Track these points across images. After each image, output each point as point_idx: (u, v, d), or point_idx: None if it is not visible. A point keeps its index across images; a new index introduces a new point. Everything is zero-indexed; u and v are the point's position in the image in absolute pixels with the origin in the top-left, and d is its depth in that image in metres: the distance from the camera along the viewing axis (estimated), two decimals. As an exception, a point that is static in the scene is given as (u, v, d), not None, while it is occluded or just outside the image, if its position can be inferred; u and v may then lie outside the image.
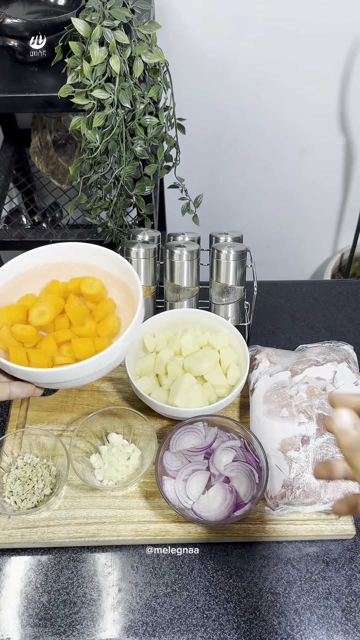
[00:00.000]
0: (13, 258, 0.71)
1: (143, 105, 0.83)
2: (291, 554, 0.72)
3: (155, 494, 0.75)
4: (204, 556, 0.72)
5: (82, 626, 0.67)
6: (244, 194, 1.55)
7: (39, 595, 0.69)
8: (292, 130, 1.39)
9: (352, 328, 0.99)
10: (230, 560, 0.72)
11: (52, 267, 0.73)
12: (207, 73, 1.27)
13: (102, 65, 0.78)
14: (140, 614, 0.68)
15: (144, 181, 0.93)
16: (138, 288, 0.66)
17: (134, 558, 0.72)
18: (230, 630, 0.67)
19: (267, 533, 0.72)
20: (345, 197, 1.55)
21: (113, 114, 0.82)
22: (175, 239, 0.96)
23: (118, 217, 0.97)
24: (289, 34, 1.20)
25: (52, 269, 0.73)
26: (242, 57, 1.24)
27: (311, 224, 1.64)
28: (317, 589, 0.69)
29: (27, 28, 0.91)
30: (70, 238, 1.15)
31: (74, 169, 0.89)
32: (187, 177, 1.19)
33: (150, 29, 0.81)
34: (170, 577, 0.70)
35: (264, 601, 0.69)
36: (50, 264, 0.73)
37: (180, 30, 1.20)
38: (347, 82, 1.28)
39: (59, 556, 0.72)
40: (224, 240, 0.95)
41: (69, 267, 0.73)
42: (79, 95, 0.81)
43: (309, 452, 0.71)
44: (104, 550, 0.73)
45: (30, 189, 1.36)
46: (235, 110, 1.34)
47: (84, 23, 0.77)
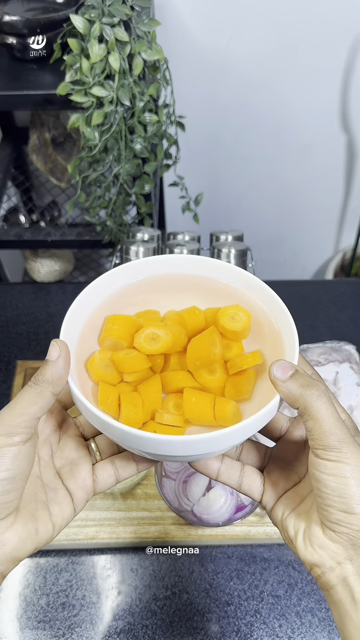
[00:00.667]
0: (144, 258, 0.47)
1: (143, 102, 0.83)
2: (292, 556, 0.72)
3: (155, 496, 0.74)
4: (204, 558, 0.71)
5: (81, 629, 0.67)
6: (244, 193, 1.55)
7: (37, 597, 0.69)
8: (293, 128, 1.38)
9: (354, 328, 0.98)
10: (231, 562, 0.71)
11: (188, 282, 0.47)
12: (207, 70, 1.26)
13: (101, 62, 0.77)
14: (140, 616, 0.67)
15: (144, 179, 0.92)
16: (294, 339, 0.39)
17: (133, 560, 0.71)
18: (230, 633, 0.66)
19: (268, 535, 0.71)
20: (347, 195, 1.55)
21: (112, 111, 0.81)
22: (175, 238, 0.96)
23: (117, 215, 0.97)
24: (289, 31, 1.20)
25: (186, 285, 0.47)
26: (243, 54, 1.23)
27: (313, 222, 1.63)
28: (318, 592, 0.69)
29: (25, 25, 0.90)
30: (69, 237, 1.14)
31: (73, 167, 0.88)
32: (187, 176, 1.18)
33: (149, 26, 0.81)
34: (170, 580, 0.70)
35: (265, 604, 0.68)
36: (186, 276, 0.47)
37: (180, 27, 1.19)
38: (349, 79, 1.28)
39: (57, 558, 0.72)
40: (225, 239, 0.94)
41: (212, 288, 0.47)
42: (77, 92, 0.80)
43: (310, 454, 0.70)
44: (103, 553, 0.72)
45: (29, 187, 1.36)
46: (236, 108, 1.33)
47: (82, 20, 0.76)
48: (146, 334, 0.42)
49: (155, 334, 0.42)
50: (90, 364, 0.41)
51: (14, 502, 0.34)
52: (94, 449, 0.41)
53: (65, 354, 0.36)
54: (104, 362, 0.41)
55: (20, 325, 0.99)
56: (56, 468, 0.40)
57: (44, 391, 0.34)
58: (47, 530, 0.36)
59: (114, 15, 0.77)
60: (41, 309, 1.02)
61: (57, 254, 1.43)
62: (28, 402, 0.34)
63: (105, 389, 0.40)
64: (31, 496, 0.37)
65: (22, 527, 0.35)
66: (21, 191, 1.35)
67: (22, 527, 0.35)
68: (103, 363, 0.41)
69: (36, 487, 0.37)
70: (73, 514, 0.39)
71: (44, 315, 1.01)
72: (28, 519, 0.35)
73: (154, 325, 0.42)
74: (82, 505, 0.39)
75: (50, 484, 0.39)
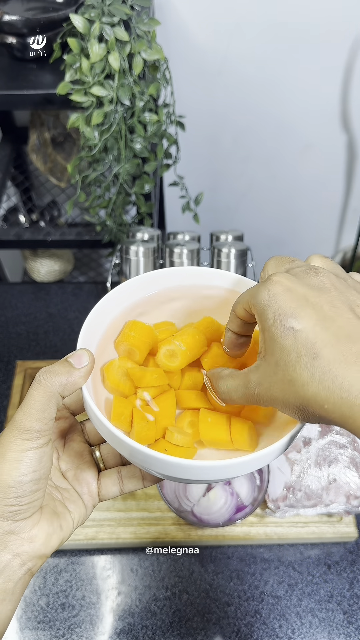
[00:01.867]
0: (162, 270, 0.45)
1: (142, 102, 0.83)
2: (292, 556, 0.72)
3: (155, 496, 0.74)
4: (204, 559, 0.71)
5: (81, 629, 0.66)
6: (244, 193, 1.54)
7: (37, 598, 0.69)
8: (293, 128, 1.38)
9: (354, 328, 0.98)
10: (231, 562, 0.71)
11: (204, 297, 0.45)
12: (207, 70, 1.26)
13: (101, 62, 0.77)
14: (139, 617, 0.67)
15: (144, 179, 0.92)
16: None
17: (133, 561, 0.71)
18: (230, 633, 0.66)
19: (268, 536, 0.71)
20: (348, 195, 1.54)
21: (112, 111, 0.81)
22: (175, 238, 0.96)
23: (117, 215, 0.97)
24: (289, 31, 1.19)
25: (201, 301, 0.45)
26: (243, 54, 1.23)
27: (313, 222, 1.63)
28: (318, 592, 0.69)
29: (25, 25, 0.90)
30: (69, 237, 1.14)
31: (73, 167, 0.88)
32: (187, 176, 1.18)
33: (149, 25, 0.80)
34: (170, 580, 0.70)
35: (265, 604, 0.68)
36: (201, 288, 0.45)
37: (180, 27, 1.19)
38: (349, 79, 1.27)
39: (57, 559, 0.71)
40: (225, 239, 0.94)
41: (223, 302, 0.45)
42: (77, 92, 0.80)
43: (310, 454, 0.70)
44: (103, 553, 0.72)
45: (29, 187, 1.35)
46: (236, 108, 1.33)
47: (82, 20, 0.76)
48: (164, 351, 0.41)
49: (173, 351, 0.41)
50: (108, 369, 0.40)
51: (40, 501, 0.35)
52: (99, 457, 0.41)
53: (90, 367, 0.35)
54: (122, 370, 0.40)
55: (20, 325, 0.99)
56: (62, 471, 0.40)
57: (55, 394, 0.34)
58: (69, 526, 0.37)
59: (113, 15, 0.76)
60: (41, 309, 1.02)
61: (56, 254, 1.43)
62: (41, 404, 0.34)
63: (119, 402, 0.39)
64: (49, 495, 0.38)
65: (47, 523, 0.36)
66: (21, 191, 1.35)
67: (48, 524, 0.36)
68: (121, 371, 0.40)
69: (50, 487, 0.38)
70: (86, 513, 0.39)
71: (43, 315, 1.01)
72: (52, 516, 0.36)
73: (170, 343, 0.41)
74: (90, 509, 0.40)
75: (61, 485, 0.39)
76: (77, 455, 0.41)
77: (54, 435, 0.41)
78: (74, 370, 0.35)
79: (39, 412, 0.34)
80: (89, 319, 0.39)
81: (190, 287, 0.45)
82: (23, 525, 0.35)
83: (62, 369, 0.34)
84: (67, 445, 0.41)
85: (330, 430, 0.71)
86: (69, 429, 0.42)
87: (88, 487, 0.40)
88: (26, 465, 0.34)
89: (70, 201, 0.93)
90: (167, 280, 0.44)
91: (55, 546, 0.36)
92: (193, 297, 0.45)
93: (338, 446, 0.70)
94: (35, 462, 0.34)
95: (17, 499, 0.34)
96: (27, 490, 0.34)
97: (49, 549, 0.36)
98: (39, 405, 0.34)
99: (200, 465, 0.33)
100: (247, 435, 0.38)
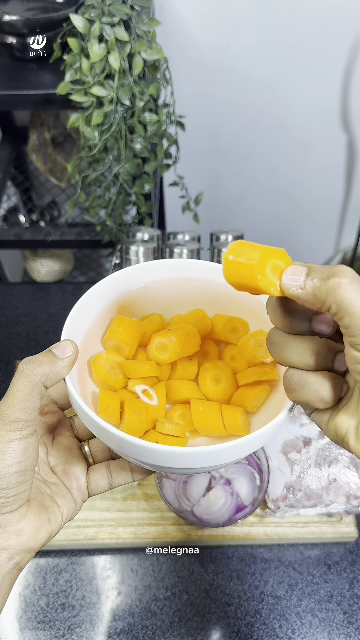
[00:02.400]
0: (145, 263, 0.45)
1: (142, 102, 0.83)
2: (292, 556, 0.71)
3: (155, 496, 0.74)
4: (204, 559, 0.71)
5: (81, 629, 0.66)
6: (244, 193, 1.54)
7: (37, 598, 0.69)
8: (293, 128, 1.38)
9: (354, 328, 0.98)
10: (231, 563, 0.71)
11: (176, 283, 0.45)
12: (207, 70, 1.26)
13: (101, 62, 0.77)
14: (140, 617, 0.67)
15: (144, 179, 0.92)
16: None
17: (133, 561, 0.71)
18: (231, 633, 0.66)
19: (268, 536, 0.71)
20: (348, 195, 1.54)
21: (112, 111, 0.81)
22: (175, 238, 0.96)
23: (117, 215, 0.96)
24: (289, 31, 1.19)
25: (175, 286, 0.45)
26: (243, 53, 1.23)
27: (313, 222, 1.63)
28: (318, 592, 0.69)
29: (25, 25, 0.90)
30: (69, 237, 1.14)
31: (73, 167, 0.88)
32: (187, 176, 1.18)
33: (149, 25, 0.80)
34: (170, 580, 0.70)
35: (265, 604, 0.68)
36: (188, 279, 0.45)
37: (180, 26, 1.19)
38: (350, 78, 1.27)
39: (57, 559, 0.71)
40: (225, 239, 0.94)
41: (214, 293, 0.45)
42: (77, 92, 0.80)
43: (310, 454, 0.70)
44: (103, 553, 0.72)
45: (29, 187, 1.35)
46: (236, 108, 1.33)
47: (82, 20, 0.76)
48: (156, 343, 0.41)
49: (164, 344, 0.41)
50: (95, 362, 0.40)
51: (26, 493, 0.35)
52: (87, 452, 0.41)
53: (74, 358, 0.35)
54: (110, 363, 0.40)
55: (20, 325, 0.99)
56: (50, 466, 0.40)
57: (38, 384, 0.34)
58: (57, 520, 0.37)
59: (113, 15, 0.76)
60: (41, 309, 1.02)
61: (56, 254, 1.43)
62: (24, 394, 0.33)
63: (106, 395, 0.39)
64: (37, 489, 0.37)
65: (35, 516, 0.36)
66: (21, 191, 1.35)
67: (36, 517, 0.36)
68: (108, 364, 0.40)
69: (38, 481, 0.38)
70: (75, 508, 0.39)
71: (43, 315, 1.01)
72: (39, 509, 0.36)
73: (162, 335, 0.41)
74: (79, 504, 0.40)
75: (50, 479, 0.39)
76: (65, 449, 0.41)
77: (42, 429, 0.40)
78: (57, 360, 0.34)
79: (23, 402, 0.33)
80: (74, 311, 0.39)
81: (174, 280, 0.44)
82: (10, 518, 0.34)
83: (45, 359, 0.34)
84: (55, 440, 0.41)
85: (330, 430, 0.71)
86: (58, 423, 0.42)
87: (77, 481, 0.40)
88: (11, 457, 0.33)
89: (70, 201, 0.93)
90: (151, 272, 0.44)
91: (43, 540, 0.36)
92: (178, 289, 0.45)
93: (338, 446, 0.70)
94: (20, 453, 0.34)
95: (2, 490, 0.33)
96: (13, 482, 0.33)
97: (37, 543, 0.35)
98: (22, 395, 0.33)
99: (192, 452, 0.32)
100: (240, 420, 0.38)
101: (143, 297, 0.45)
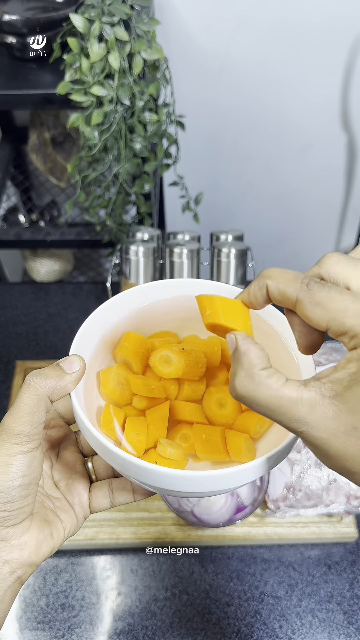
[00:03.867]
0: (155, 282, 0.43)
1: (142, 102, 0.83)
2: (292, 557, 0.71)
3: (155, 497, 0.74)
4: (204, 559, 0.71)
5: (80, 630, 0.66)
6: (244, 192, 1.54)
7: (37, 598, 0.69)
8: (294, 128, 1.38)
9: (354, 328, 0.98)
10: (231, 563, 0.71)
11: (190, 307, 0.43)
12: (208, 70, 1.26)
13: (101, 61, 0.77)
14: (139, 617, 0.67)
15: (144, 179, 0.92)
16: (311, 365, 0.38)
17: (133, 561, 0.71)
18: (231, 634, 0.66)
19: (269, 536, 0.71)
20: (348, 195, 1.54)
21: (112, 110, 0.81)
22: (175, 238, 0.95)
23: (117, 215, 0.96)
24: (290, 31, 1.19)
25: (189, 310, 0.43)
26: (243, 53, 1.23)
27: (313, 222, 1.63)
28: (318, 593, 0.69)
29: (25, 25, 0.90)
30: (69, 237, 1.14)
31: (73, 167, 0.88)
32: (187, 176, 1.18)
33: (149, 25, 0.80)
34: (170, 581, 0.70)
35: (265, 605, 0.68)
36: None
37: (180, 26, 1.19)
38: (349, 79, 1.27)
39: (57, 559, 0.71)
40: (225, 239, 0.94)
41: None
42: (77, 92, 0.80)
43: (310, 454, 0.70)
44: (103, 553, 0.72)
45: (28, 187, 1.35)
46: (236, 108, 1.33)
47: (82, 19, 0.76)
48: (161, 355, 0.40)
49: (168, 357, 0.40)
50: (104, 375, 0.40)
51: (30, 507, 0.35)
52: (91, 469, 0.41)
53: (81, 373, 0.35)
54: (119, 377, 0.40)
55: (20, 325, 0.99)
56: (54, 481, 0.40)
57: (44, 397, 0.34)
58: (60, 535, 0.37)
59: (113, 15, 0.76)
60: (41, 309, 1.02)
61: (56, 254, 1.43)
62: (30, 407, 0.33)
63: (109, 411, 0.38)
64: (40, 503, 0.37)
65: (38, 530, 0.35)
66: (21, 191, 1.35)
67: (38, 531, 0.35)
68: (117, 379, 0.40)
69: (42, 495, 0.38)
70: (77, 524, 0.39)
71: (43, 315, 1.01)
72: (42, 523, 0.36)
73: (170, 349, 0.40)
74: (81, 521, 0.39)
75: (53, 494, 0.39)
76: (69, 465, 0.40)
77: (47, 443, 0.40)
78: (64, 375, 0.34)
79: (29, 415, 0.33)
80: (86, 324, 0.38)
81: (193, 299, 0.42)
82: (13, 531, 0.34)
83: (52, 373, 0.34)
84: (60, 455, 0.41)
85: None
86: (63, 438, 0.42)
87: (79, 498, 0.39)
88: (15, 470, 0.33)
89: (70, 201, 0.93)
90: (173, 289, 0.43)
91: (45, 554, 0.36)
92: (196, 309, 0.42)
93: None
94: (25, 467, 0.33)
95: (6, 504, 0.33)
96: (17, 496, 0.33)
97: (39, 557, 0.35)
98: (28, 409, 0.33)
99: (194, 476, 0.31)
100: (244, 446, 0.37)
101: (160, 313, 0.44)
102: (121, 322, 0.42)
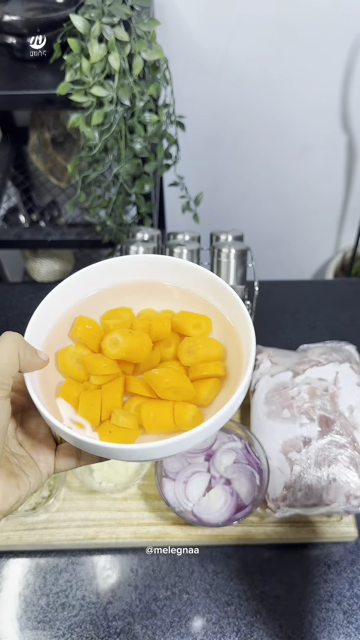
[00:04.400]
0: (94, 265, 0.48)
1: (142, 102, 0.83)
2: (292, 556, 0.72)
3: (155, 496, 0.74)
4: (204, 559, 0.71)
5: (81, 629, 0.66)
6: (244, 193, 1.55)
7: (37, 598, 0.69)
8: (293, 128, 1.38)
9: (355, 328, 0.98)
10: (231, 562, 0.71)
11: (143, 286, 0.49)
12: (208, 70, 1.26)
13: (101, 62, 0.77)
14: (139, 617, 0.67)
15: (144, 179, 0.92)
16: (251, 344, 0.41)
17: (133, 561, 0.71)
18: (230, 633, 0.66)
19: (268, 535, 0.71)
20: (347, 195, 1.54)
21: (112, 111, 0.81)
22: (175, 238, 0.96)
23: (117, 215, 0.97)
24: (289, 31, 1.19)
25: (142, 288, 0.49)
26: (243, 54, 1.23)
27: (313, 222, 1.63)
28: (318, 592, 0.69)
29: (25, 25, 0.90)
30: (69, 237, 1.14)
31: (73, 167, 0.88)
32: (187, 176, 1.18)
33: (149, 26, 0.80)
34: (170, 580, 0.70)
35: (265, 604, 0.68)
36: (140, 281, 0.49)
37: (180, 27, 1.19)
38: (350, 78, 1.27)
39: (57, 559, 0.72)
40: (225, 239, 0.94)
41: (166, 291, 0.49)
42: (77, 92, 0.80)
43: (310, 454, 0.70)
44: (103, 553, 0.72)
45: (29, 187, 1.35)
46: (236, 108, 1.33)
47: (82, 20, 0.76)
48: (110, 338, 0.44)
49: (116, 340, 0.44)
50: (62, 354, 0.43)
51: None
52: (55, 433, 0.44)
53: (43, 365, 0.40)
54: (76, 356, 0.44)
55: (20, 325, 0.99)
56: (18, 441, 0.42)
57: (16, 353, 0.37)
58: (25, 487, 0.39)
59: (113, 15, 0.76)
60: (41, 309, 1.02)
61: (57, 254, 1.43)
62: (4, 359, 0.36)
63: (69, 385, 0.42)
64: (6, 458, 0.39)
65: (4, 482, 0.38)
66: (21, 191, 1.35)
67: (4, 482, 0.37)
68: (75, 357, 0.43)
69: (7, 452, 0.40)
70: (41, 480, 0.41)
71: (43, 315, 1.01)
72: (9, 474, 0.38)
73: (119, 331, 0.44)
74: (45, 477, 0.42)
75: (18, 452, 0.41)
76: (35, 426, 0.43)
77: (13, 405, 0.42)
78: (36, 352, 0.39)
79: (2, 365, 0.36)
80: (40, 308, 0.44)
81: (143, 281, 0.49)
82: None
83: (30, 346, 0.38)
84: (25, 417, 0.43)
85: (330, 430, 0.71)
86: (29, 406, 0.44)
87: (45, 457, 0.42)
88: None
89: (71, 201, 0.93)
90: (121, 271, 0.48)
91: (12, 504, 0.38)
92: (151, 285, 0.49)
93: (338, 446, 0.70)
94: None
95: None
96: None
97: (6, 506, 0.37)
98: (4, 360, 0.36)
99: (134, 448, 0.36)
100: (190, 415, 0.41)
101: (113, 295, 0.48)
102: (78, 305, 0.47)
